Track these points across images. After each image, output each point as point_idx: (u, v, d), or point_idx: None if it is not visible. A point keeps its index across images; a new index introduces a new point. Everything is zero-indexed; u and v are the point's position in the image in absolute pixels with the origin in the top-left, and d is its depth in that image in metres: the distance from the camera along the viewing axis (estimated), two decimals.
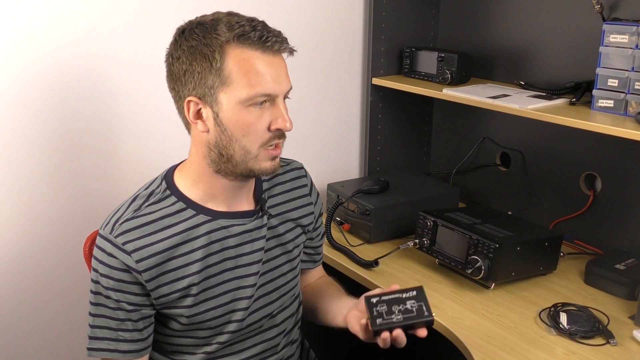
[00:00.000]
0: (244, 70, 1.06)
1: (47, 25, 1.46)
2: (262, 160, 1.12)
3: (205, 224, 1.16)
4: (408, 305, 1.11)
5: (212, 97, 1.08)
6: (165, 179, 1.19)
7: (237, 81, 1.06)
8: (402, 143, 2.14)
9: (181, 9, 1.60)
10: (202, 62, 1.07)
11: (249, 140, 1.09)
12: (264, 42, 1.06)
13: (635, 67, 1.41)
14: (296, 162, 1.36)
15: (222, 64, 1.06)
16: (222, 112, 1.08)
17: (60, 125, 1.53)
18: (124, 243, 1.10)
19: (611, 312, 1.41)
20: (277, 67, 1.09)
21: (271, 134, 1.11)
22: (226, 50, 1.06)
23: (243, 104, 1.07)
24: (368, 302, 1.12)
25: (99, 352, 1.15)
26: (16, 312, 1.56)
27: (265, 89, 1.07)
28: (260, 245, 1.21)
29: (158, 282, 1.12)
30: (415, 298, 1.12)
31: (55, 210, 1.57)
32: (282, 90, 1.10)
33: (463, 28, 2.00)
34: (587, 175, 1.76)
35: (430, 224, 1.61)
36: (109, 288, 1.12)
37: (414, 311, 1.10)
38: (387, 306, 1.11)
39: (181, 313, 1.15)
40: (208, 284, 1.16)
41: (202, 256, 1.15)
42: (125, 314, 1.13)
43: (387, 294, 1.13)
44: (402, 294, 1.13)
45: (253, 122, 1.08)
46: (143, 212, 1.14)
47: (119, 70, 1.59)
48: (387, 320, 1.10)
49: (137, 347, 1.16)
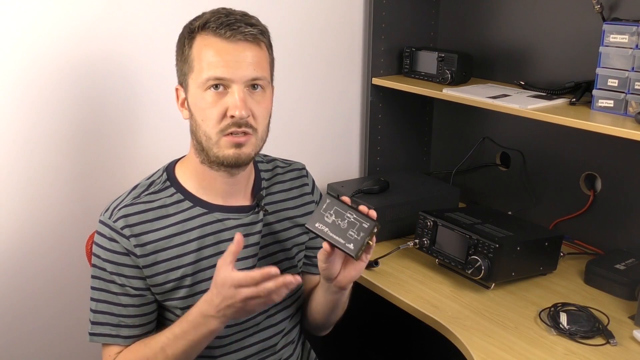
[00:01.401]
0: (202, 55, 1.11)
1: (51, 23, 1.46)
2: (223, 147, 1.13)
3: (201, 216, 1.18)
4: (350, 230, 1.11)
5: (185, 83, 1.15)
6: (167, 171, 1.22)
7: (197, 66, 1.12)
8: (402, 143, 2.14)
9: (186, 6, 1.60)
10: (179, 53, 1.16)
11: (207, 125, 1.12)
12: (226, 28, 1.10)
13: (635, 67, 1.41)
14: (298, 162, 1.37)
15: (189, 51, 1.13)
16: (190, 97, 1.14)
17: (63, 125, 1.53)
18: (122, 227, 1.13)
19: (611, 312, 1.41)
20: (235, 54, 1.11)
21: (229, 121, 1.11)
22: (194, 38, 1.13)
23: (200, 88, 1.11)
24: (328, 199, 1.14)
25: (100, 337, 1.17)
26: (18, 310, 1.56)
27: (215, 73, 1.10)
28: (255, 240, 1.23)
29: (153, 271, 1.15)
30: (361, 229, 1.11)
31: (57, 209, 1.57)
32: (237, 76, 1.10)
33: (463, 28, 2.00)
34: (587, 175, 1.76)
35: (430, 224, 1.61)
36: (113, 272, 1.14)
37: (349, 238, 1.11)
38: (334, 216, 1.12)
39: (176, 305, 1.17)
40: (202, 276, 1.18)
41: (196, 248, 1.17)
42: (129, 299, 1.15)
43: (347, 206, 1.13)
44: (358, 216, 1.12)
45: (207, 106, 1.11)
46: (142, 200, 1.17)
47: (124, 69, 1.59)
48: (320, 228, 1.12)
49: (138, 332, 1.17)
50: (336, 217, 1.12)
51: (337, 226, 1.12)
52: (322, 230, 1.12)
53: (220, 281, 1.05)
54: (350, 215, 1.12)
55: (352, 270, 1.16)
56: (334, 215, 1.12)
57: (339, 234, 1.11)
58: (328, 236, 1.11)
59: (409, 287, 1.54)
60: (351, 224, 1.11)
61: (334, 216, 1.12)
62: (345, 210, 1.12)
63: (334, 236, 1.11)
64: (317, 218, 1.13)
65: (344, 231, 1.11)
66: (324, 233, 1.12)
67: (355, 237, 1.10)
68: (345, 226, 1.11)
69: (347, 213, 1.12)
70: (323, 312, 1.30)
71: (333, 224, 1.12)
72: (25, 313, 1.58)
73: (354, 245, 1.10)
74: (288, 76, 1.82)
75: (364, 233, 1.10)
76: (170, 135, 1.64)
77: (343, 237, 1.11)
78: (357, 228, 1.11)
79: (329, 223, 1.12)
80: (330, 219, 1.12)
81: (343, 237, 1.11)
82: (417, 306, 1.45)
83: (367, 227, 1.11)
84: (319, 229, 1.12)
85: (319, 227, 1.12)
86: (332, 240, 1.11)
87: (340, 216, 1.12)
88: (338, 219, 1.12)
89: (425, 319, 1.43)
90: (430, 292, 1.52)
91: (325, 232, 1.12)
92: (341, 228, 1.11)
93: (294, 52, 1.85)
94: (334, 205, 1.13)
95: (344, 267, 1.16)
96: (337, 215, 1.12)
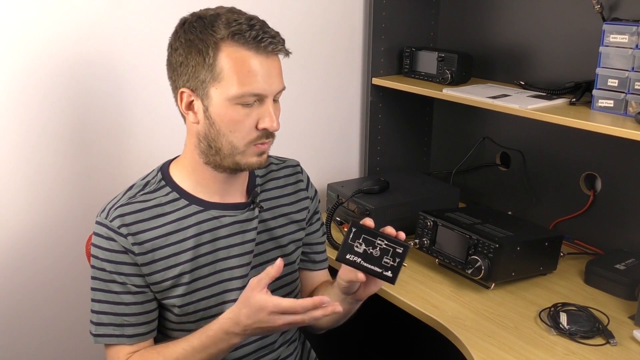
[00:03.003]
0: (235, 69, 1.08)
1: (51, 21, 1.46)
2: (249, 156, 1.14)
3: (197, 214, 1.19)
4: (384, 257, 1.10)
5: (203, 90, 1.11)
6: (161, 171, 1.22)
7: (228, 78, 1.08)
8: (402, 143, 2.14)
9: (185, 4, 1.60)
10: (196, 56, 1.10)
11: (236, 136, 1.12)
12: (258, 42, 1.08)
13: (635, 67, 1.41)
14: (292, 160, 1.38)
15: (214, 60, 1.08)
16: (211, 106, 1.11)
17: (63, 124, 1.53)
18: (119, 226, 1.13)
19: (611, 312, 1.41)
20: (269, 68, 1.10)
21: (259, 133, 1.12)
22: (220, 47, 1.08)
23: (232, 101, 1.09)
24: (354, 227, 1.11)
25: (104, 337, 1.16)
26: (18, 309, 1.57)
27: (255, 89, 1.09)
28: (251, 236, 1.23)
29: (151, 269, 1.15)
30: (395, 254, 1.10)
31: (57, 209, 1.57)
32: (272, 91, 1.12)
33: (463, 28, 2.00)
34: (587, 175, 1.76)
35: (430, 224, 1.61)
36: (112, 272, 1.14)
37: (385, 265, 1.09)
38: (365, 245, 1.10)
39: (174, 303, 1.17)
40: (200, 274, 1.18)
41: (193, 245, 1.17)
42: (131, 297, 1.15)
43: (375, 233, 1.11)
44: (389, 242, 1.10)
45: (240, 119, 1.11)
46: (138, 199, 1.17)
47: (124, 68, 1.59)
48: (353, 259, 1.10)
49: (143, 330, 1.17)
50: (367, 246, 1.10)
51: (370, 255, 1.10)
52: (355, 262, 1.10)
53: (255, 305, 1.04)
54: (381, 242, 1.10)
55: (373, 286, 1.17)
56: (364, 244, 1.10)
57: (374, 263, 1.10)
58: (363, 267, 1.09)
59: (409, 287, 1.54)
60: (384, 250, 1.10)
61: (364, 245, 1.10)
62: (375, 237, 1.10)
63: (369, 266, 1.10)
64: (347, 249, 1.10)
65: (379, 259, 1.09)
66: (357, 265, 1.10)
67: (392, 264, 1.09)
68: (379, 254, 1.10)
69: (377, 240, 1.10)
70: (334, 318, 1.30)
71: (365, 253, 1.10)
72: (25, 313, 1.58)
73: (392, 273, 1.09)
74: (288, 76, 1.79)
75: (399, 258, 1.09)
76: (170, 136, 1.64)
77: (379, 265, 1.09)
78: (392, 254, 1.09)
79: (360, 253, 1.10)
80: (361, 248, 1.10)
81: (379, 266, 1.09)
82: (417, 306, 1.45)
83: (401, 252, 1.09)
84: (351, 261, 1.10)
85: (351, 259, 1.10)
86: (368, 271, 1.10)
87: (371, 244, 1.10)
88: (369, 247, 1.10)
89: (425, 319, 1.43)
90: (430, 292, 1.52)
91: (359, 264, 1.10)
92: (374, 256, 1.10)
93: (293, 52, 1.84)
94: (362, 234, 1.10)
95: (364, 283, 1.16)
96: (367, 243, 1.10)
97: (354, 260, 1.10)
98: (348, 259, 1.10)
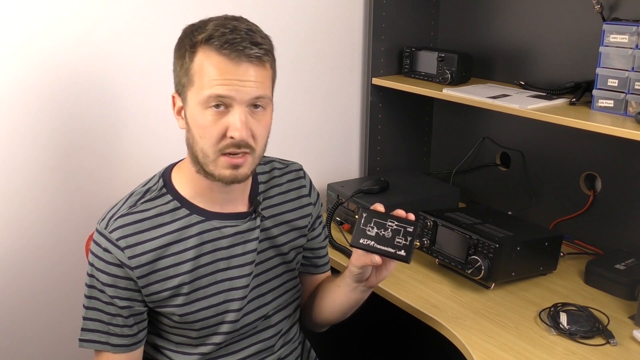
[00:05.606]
0: (203, 71, 1.07)
1: (46, 26, 1.46)
2: (220, 167, 1.10)
3: (198, 224, 1.17)
4: (396, 237, 1.13)
5: (184, 95, 1.11)
6: (163, 177, 1.20)
7: (197, 82, 1.08)
8: (402, 143, 2.14)
9: (182, 11, 1.60)
10: (178, 60, 1.11)
11: (205, 142, 1.09)
12: (231, 45, 1.05)
13: (635, 67, 1.41)
14: (295, 163, 1.35)
15: (190, 64, 1.08)
16: (188, 111, 1.11)
17: (59, 126, 1.53)
18: (117, 239, 1.12)
19: (611, 312, 1.41)
20: (239, 74, 1.06)
21: (228, 142, 1.08)
22: (196, 51, 1.08)
23: (202, 105, 1.08)
24: (364, 212, 1.15)
25: (89, 343, 1.17)
26: (15, 313, 1.56)
27: (217, 91, 1.06)
28: (252, 246, 1.21)
29: (149, 280, 1.13)
30: (406, 234, 1.13)
31: (54, 210, 1.57)
32: (240, 97, 1.06)
33: (463, 28, 2.00)
34: (587, 175, 1.76)
35: (430, 224, 1.61)
36: (105, 284, 1.13)
37: (398, 245, 1.13)
38: (377, 228, 1.14)
39: (173, 312, 1.16)
40: (199, 284, 1.17)
41: (193, 256, 1.16)
42: (116, 310, 1.14)
43: (385, 215, 1.15)
44: (400, 222, 1.14)
45: (207, 125, 1.08)
46: (138, 208, 1.15)
47: (119, 71, 1.58)
48: (367, 243, 1.13)
49: (127, 341, 1.17)
50: (378, 229, 1.13)
51: (382, 237, 1.13)
52: (370, 245, 1.13)
53: None
54: (392, 223, 1.13)
55: (385, 270, 1.19)
56: (376, 227, 1.14)
57: (387, 244, 1.13)
58: (377, 249, 1.13)
59: (409, 287, 1.54)
60: (395, 231, 1.13)
61: (375, 228, 1.14)
62: (385, 219, 1.14)
63: (382, 247, 1.13)
64: (360, 234, 1.14)
65: (391, 240, 1.13)
66: (371, 247, 1.13)
67: (405, 243, 1.12)
68: (390, 235, 1.13)
69: (387, 222, 1.14)
70: (343, 310, 1.31)
71: (377, 236, 1.13)
72: (24, 314, 1.58)
73: (405, 252, 1.13)
74: (288, 76, 1.82)
75: (411, 237, 1.13)
76: (170, 137, 1.64)
77: (391, 246, 1.13)
78: (403, 234, 1.13)
79: (372, 236, 1.13)
80: (373, 231, 1.14)
81: (392, 246, 1.13)
82: (417, 306, 1.45)
83: (412, 231, 1.13)
84: (365, 245, 1.13)
85: (365, 243, 1.14)
86: (382, 252, 1.13)
87: (382, 226, 1.13)
88: (381, 230, 1.13)
89: (425, 319, 1.43)
90: (430, 292, 1.52)
91: (373, 246, 1.13)
92: (386, 238, 1.13)
93: (293, 52, 1.85)
94: (373, 217, 1.14)
95: (376, 268, 1.18)
96: (378, 226, 1.14)
97: (368, 244, 1.13)
98: (362, 243, 1.14)
